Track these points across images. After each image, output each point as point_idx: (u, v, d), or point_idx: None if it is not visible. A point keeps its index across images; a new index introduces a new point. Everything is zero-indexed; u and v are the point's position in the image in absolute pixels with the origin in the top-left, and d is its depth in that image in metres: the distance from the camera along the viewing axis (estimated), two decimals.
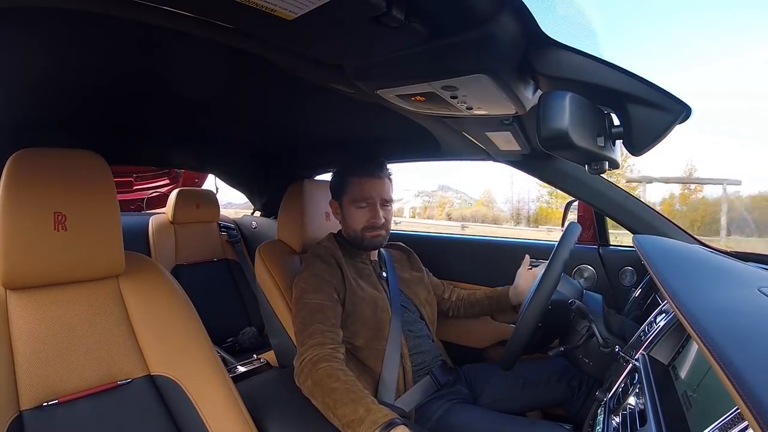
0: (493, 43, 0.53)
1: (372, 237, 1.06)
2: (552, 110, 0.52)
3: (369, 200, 1.05)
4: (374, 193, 1.05)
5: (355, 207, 1.06)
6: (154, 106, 1.40)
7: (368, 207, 1.05)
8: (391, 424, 0.72)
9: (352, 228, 1.07)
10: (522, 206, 21.23)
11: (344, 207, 1.08)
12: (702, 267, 0.74)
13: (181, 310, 0.82)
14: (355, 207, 1.06)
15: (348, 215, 1.07)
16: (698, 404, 0.51)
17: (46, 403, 0.65)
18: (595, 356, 0.90)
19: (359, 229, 1.06)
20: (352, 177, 1.07)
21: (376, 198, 1.05)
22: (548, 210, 20.73)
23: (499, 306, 1.23)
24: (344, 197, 1.08)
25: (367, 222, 1.05)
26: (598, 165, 0.60)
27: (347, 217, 1.08)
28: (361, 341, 1.00)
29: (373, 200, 1.05)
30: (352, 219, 1.06)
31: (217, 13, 0.52)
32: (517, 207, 21.06)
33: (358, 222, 1.06)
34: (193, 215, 1.98)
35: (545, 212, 20.76)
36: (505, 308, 1.22)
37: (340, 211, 1.10)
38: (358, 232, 1.06)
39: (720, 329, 0.42)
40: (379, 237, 1.07)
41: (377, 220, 1.05)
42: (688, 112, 0.54)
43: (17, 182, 0.66)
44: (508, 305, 1.21)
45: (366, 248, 1.09)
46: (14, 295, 0.69)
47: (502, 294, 1.22)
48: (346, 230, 1.10)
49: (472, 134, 1.04)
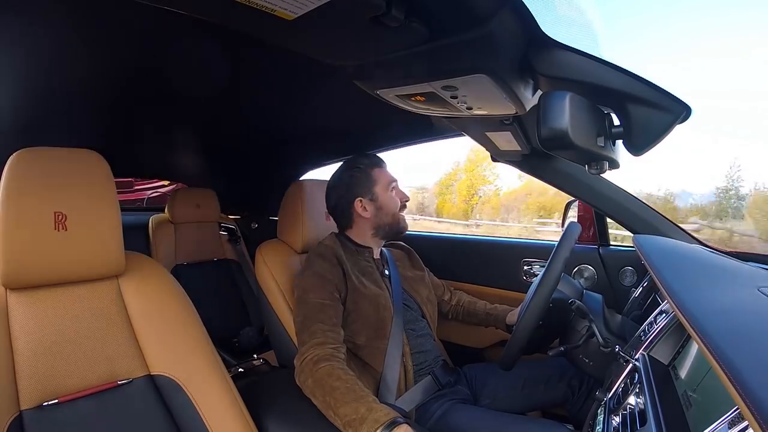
0: (493, 43, 0.53)
1: (404, 219, 1.15)
2: (552, 110, 0.52)
3: (395, 183, 1.15)
4: (394, 176, 1.16)
5: (390, 192, 1.13)
6: (154, 107, 1.40)
7: (395, 189, 1.14)
8: (393, 423, 0.72)
9: (390, 213, 1.12)
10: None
11: (378, 196, 1.12)
12: (702, 267, 0.74)
13: (181, 310, 0.82)
14: (390, 192, 1.13)
15: (385, 202, 1.12)
16: (698, 404, 0.51)
17: (46, 403, 0.65)
18: (595, 356, 0.90)
19: (397, 210, 1.13)
20: (374, 168, 1.13)
21: (396, 180, 1.16)
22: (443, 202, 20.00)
23: (496, 324, 1.23)
24: (375, 188, 1.12)
25: (401, 200, 1.14)
26: (598, 165, 0.60)
27: (384, 205, 1.12)
28: (362, 340, 1.00)
29: (397, 183, 1.16)
30: (390, 203, 1.12)
31: (216, 13, 0.52)
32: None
33: (395, 204, 1.13)
34: (193, 215, 1.98)
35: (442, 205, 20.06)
36: (500, 328, 1.22)
37: (372, 205, 1.12)
38: (396, 213, 1.13)
39: (720, 329, 0.42)
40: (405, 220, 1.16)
41: (406, 196, 1.15)
42: (688, 111, 0.54)
43: (17, 182, 0.66)
44: (503, 327, 1.20)
45: (401, 232, 1.15)
46: (14, 295, 0.69)
47: (501, 315, 1.21)
48: (380, 221, 1.12)
49: (472, 134, 1.04)
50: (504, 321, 1.19)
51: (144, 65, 1.05)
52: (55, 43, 1.11)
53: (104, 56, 1.00)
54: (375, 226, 1.12)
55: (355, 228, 1.13)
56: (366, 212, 1.11)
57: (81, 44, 1.02)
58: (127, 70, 1.19)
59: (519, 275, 1.41)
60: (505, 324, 1.19)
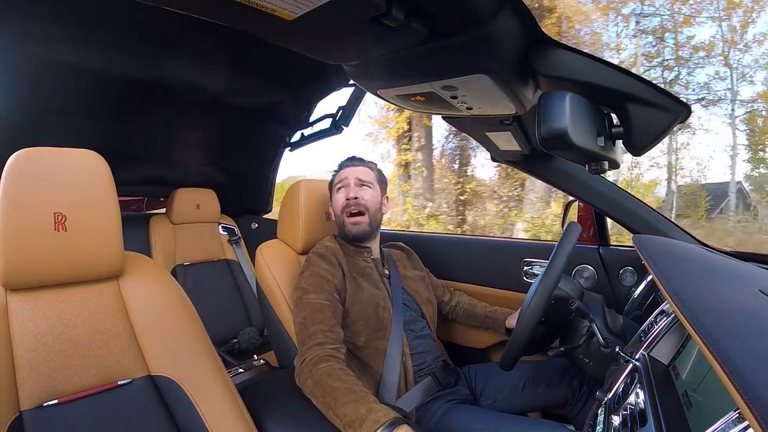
0: (493, 43, 0.53)
1: (352, 223, 1.09)
2: (552, 110, 0.52)
3: (344, 181, 1.12)
4: (348, 175, 1.13)
5: (335, 192, 1.14)
6: (155, 108, 1.41)
7: (344, 187, 1.12)
8: (394, 423, 0.72)
9: (336, 214, 1.13)
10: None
11: (333, 197, 1.15)
12: (702, 267, 0.74)
13: (181, 311, 0.82)
14: (335, 192, 1.14)
15: (335, 204, 1.14)
16: (698, 404, 0.51)
17: (46, 404, 0.65)
18: (595, 356, 0.90)
19: (340, 212, 1.11)
20: (335, 171, 1.16)
21: (350, 179, 1.13)
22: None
23: (495, 327, 1.22)
24: (333, 189, 1.15)
25: (344, 200, 1.10)
26: (598, 165, 0.60)
27: (335, 206, 1.14)
28: (362, 340, 1.00)
29: (348, 181, 1.13)
30: (335, 204, 1.13)
31: (217, 13, 0.52)
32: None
33: (338, 204, 1.12)
34: (193, 215, 1.98)
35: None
36: (499, 331, 1.22)
37: (332, 207, 1.16)
38: (340, 214, 1.11)
39: (720, 329, 0.42)
40: (360, 225, 1.09)
41: (350, 194, 1.10)
42: (688, 111, 0.54)
43: (17, 182, 0.66)
44: (502, 330, 1.20)
45: (347, 235, 1.11)
46: (14, 295, 0.69)
47: (500, 318, 1.21)
48: (336, 222, 1.15)
49: (472, 134, 1.04)
50: (503, 324, 1.19)
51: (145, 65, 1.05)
52: (55, 44, 1.11)
53: (105, 57, 1.00)
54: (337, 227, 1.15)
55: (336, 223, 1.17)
56: (334, 216, 1.15)
57: (78, 45, 1.02)
58: (128, 71, 1.19)
59: (519, 275, 1.41)
60: (504, 327, 1.19)
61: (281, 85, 1.59)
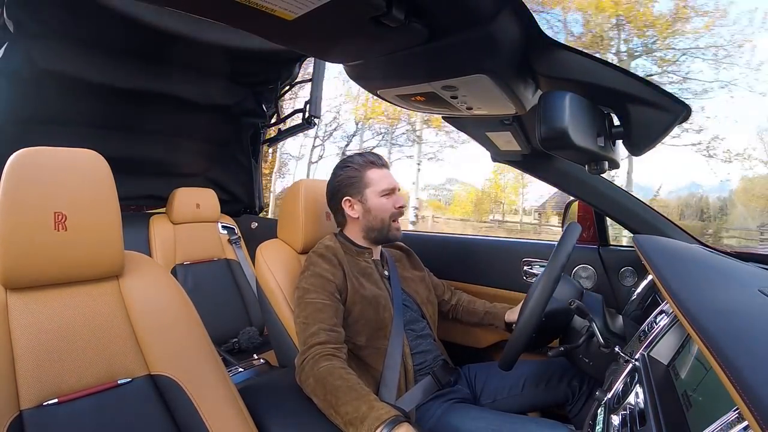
0: (493, 44, 0.53)
1: (397, 229, 1.12)
2: (552, 110, 0.52)
3: (393, 187, 1.12)
4: (393, 182, 1.13)
5: (383, 197, 1.10)
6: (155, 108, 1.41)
7: (392, 194, 1.11)
8: (395, 421, 0.72)
9: (380, 218, 1.10)
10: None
11: (368, 199, 1.10)
12: (702, 267, 0.74)
13: (181, 310, 0.82)
14: (383, 197, 1.10)
15: (374, 206, 1.10)
16: (698, 404, 0.51)
17: (46, 403, 0.65)
18: (595, 356, 0.90)
19: (388, 218, 1.10)
20: (369, 169, 1.11)
21: (396, 186, 1.13)
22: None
23: (495, 323, 1.22)
24: (366, 190, 1.10)
25: (394, 208, 1.10)
26: (598, 165, 0.60)
27: (374, 209, 1.09)
28: (362, 340, 1.00)
29: (395, 188, 1.12)
30: (382, 209, 1.10)
31: (216, 13, 0.52)
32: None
33: (387, 210, 1.10)
34: (193, 215, 1.98)
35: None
36: (499, 326, 1.22)
37: (360, 207, 1.11)
38: (387, 220, 1.10)
39: (720, 329, 0.42)
40: (399, 229, 1.13)
41: (401, 202, 1.12)
42: (688, 111, 0.54)
43: (17, 182, 0.66)
44: (502, 325, 1.20)
45: (390, 240, 1.13)
46: (14, 295, 0.69)
47: (500, 313, 1.21)
48: (369, 224, 1.11)
49: (472, 134, 1.04)
50: (503, 319, 1.19)
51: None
52: (54, 44, 1.11)
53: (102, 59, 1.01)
54: (364, 229, 1.11)
55: (349, 227, 1.14)
56: (354, 212, 1.11)
57: (80, 45, 1.02)
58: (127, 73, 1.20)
59: (519, 275, 1.41)
60: (504, 322, 1.19)
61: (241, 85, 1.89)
